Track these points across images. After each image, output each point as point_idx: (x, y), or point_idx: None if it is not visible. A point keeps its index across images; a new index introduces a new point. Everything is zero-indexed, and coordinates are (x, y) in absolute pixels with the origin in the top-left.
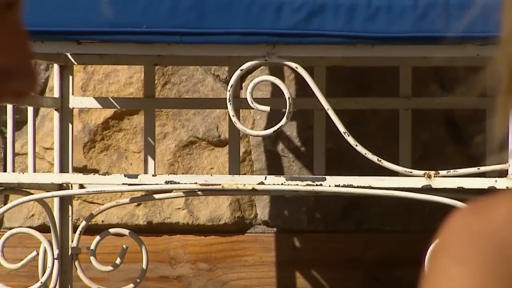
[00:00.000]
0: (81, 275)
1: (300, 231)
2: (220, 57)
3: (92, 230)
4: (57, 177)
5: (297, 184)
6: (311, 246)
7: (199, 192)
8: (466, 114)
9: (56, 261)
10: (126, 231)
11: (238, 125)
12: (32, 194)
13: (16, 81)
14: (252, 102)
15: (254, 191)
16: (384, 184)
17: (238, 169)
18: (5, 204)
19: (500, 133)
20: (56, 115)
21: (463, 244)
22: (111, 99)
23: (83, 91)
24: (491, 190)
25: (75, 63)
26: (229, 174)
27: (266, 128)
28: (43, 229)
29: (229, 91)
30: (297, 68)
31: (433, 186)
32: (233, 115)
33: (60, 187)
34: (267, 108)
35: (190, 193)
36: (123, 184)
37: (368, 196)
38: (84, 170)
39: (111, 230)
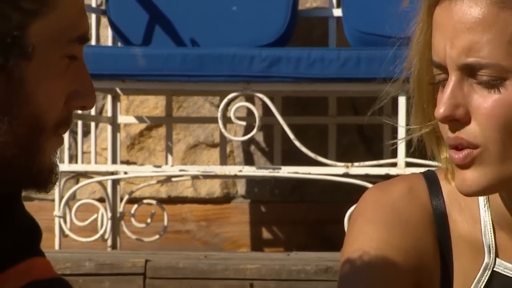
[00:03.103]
0: (125, 229)
1: (265, 202)
2: (214, 90)
3: (132, 201)
4: (110, 167)
5: (263, 172)
6: (272, 211)
7: (200, 177)
8: (372, 127)
9: (109, 221)
10: (154, 202)
11: (226, 134)
12: (94, 178)
13: (82, 99)
14: (234, 119)
15: (236, 176)
16: (319, 171)
17: (225, 162)
18: (76, 184)
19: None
20: (109, 127)
21: (373, 210)
22: (144, 117)
23: (126, 112)
24: (387, 176)
25: (121, 94)
26: (220, 165)
27: (243, 135)
28: (101, 200)
29: (220, 112)
30: (263, 97)
31: (350, 173)
32: (222, 128)
33: (112, 173)
34: (244, 123)
35: (195, 177)
36: (152, 171)
37: (308, 179)
38: (127, 162)
39: (145, 201)
